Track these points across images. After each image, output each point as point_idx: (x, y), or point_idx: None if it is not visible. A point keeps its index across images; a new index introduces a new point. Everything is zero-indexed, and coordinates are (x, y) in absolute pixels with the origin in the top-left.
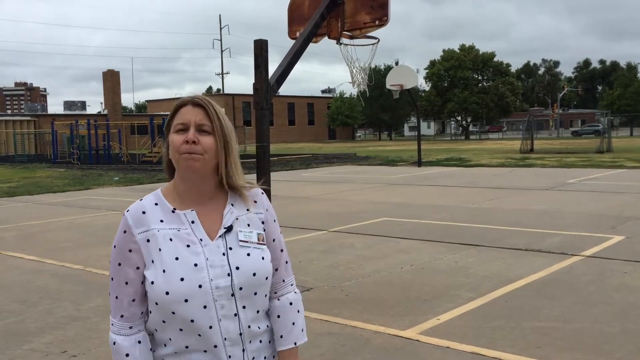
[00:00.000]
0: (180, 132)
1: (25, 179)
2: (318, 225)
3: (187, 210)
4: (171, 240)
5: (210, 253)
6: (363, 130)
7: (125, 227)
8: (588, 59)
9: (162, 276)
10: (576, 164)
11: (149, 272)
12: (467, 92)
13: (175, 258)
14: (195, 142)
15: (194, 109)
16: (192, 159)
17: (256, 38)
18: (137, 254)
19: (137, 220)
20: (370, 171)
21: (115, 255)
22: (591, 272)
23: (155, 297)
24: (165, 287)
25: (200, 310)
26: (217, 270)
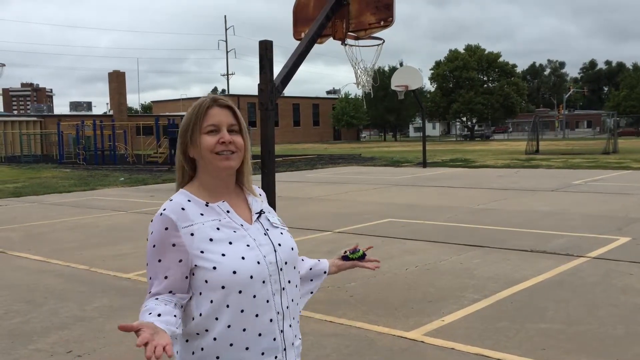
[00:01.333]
0: (211, 134)
1: (31, 179)
2: (323, 226)
3: (219, 202)
4: (218, 229)
5: (255, 234)
6: (368, 131)
7: (166, 224)
8: (594, 60)
9: (223, 259)
10: (582, 165)
11: (202, 261)
12: (472, 92)
13: (229, 242)
14: (231, 142)
15: (222, 110)
16: (228, 159)
17: (261, 39)
18: (180, 248)
19: (180, 216)
20: (375, 172)
21: (154, 253)
22: (597, 273)
23: (221, 280)
24: (231, 267)
25: (261, 286)
26: (265, 247)
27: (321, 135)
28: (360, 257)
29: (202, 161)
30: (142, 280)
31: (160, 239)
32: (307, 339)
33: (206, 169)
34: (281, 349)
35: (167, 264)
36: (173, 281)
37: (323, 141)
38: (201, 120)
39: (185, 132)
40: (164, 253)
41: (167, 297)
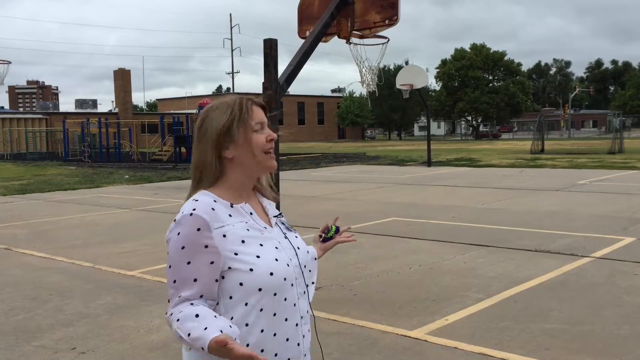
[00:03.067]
0: (258, 132)
1: (37, 176)
2: None
3: (242, 204)
4: (248, 230)
5: (278, 237)
6: (373, 130)
7: (198, 224)
8: (600, 60)
9: (259, 261)
10: (587, 164)
11: (237, 263)
12: (477, 91)
13: (259, 244)
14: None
15: (259, 109)
16: (272, 158)
17: (266, 37)
18: (212, 249)
19: (212, 217)
20: (379, 171)
21: (183, 255)
22: (601, 273)
23: (258, 282)
24: (268, 269)
25: (290, 288)
26: (289, 251)
27: (326, 134)
28: (335, 232)
29: (245, 160)
30: (146, 277)
31: (191, 240)
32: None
33: (244, 169)
34: (302, 354)
35: (197, 266)
36: (204, 285)
37: (328, 140)
38: (249, 119)
39: (224, 131)
40: (194, 255)
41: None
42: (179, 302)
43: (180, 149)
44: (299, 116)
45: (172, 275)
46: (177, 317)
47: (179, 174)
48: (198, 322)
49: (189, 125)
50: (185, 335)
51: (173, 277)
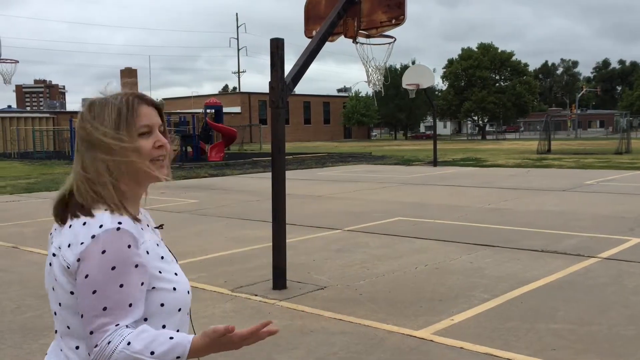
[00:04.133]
0: (145, 136)
1: (44, 175)
2: (333, 224)
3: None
4: (158, 245)
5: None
6: (379, 130)
7: (128, 240)
8: (607, 59)
9: (178, 279)
10: (594, 165)
11: (162, 282)
12: (484, 91)
13: (171, 260)
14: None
15: (149, 109)
16: (162, 166)
17: (272, 37)
18: (142, 268)
19: (137, 231)
20: (385, 170)
21: (114, 277)
22: (608, 274)
23: (179, 302)
24: (186, 287)
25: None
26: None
27: (332, 134)
28: None
29: (132, 169)
30: None
31: (121, 259)
32: (316, 337)
33: (132, 177)
34: None
35: (131, 289)
36: (139, 309)
37: (334, 139)
38: (133, 122)
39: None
40: (127, 276)
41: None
42: (114, 330)
43: (187, 149)
44: (304, 115)
45: (101, 302)
46: (125, 341)
47: (185, 173)
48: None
49: (195, 125)
50: (146, 355)
51: (102, 304)
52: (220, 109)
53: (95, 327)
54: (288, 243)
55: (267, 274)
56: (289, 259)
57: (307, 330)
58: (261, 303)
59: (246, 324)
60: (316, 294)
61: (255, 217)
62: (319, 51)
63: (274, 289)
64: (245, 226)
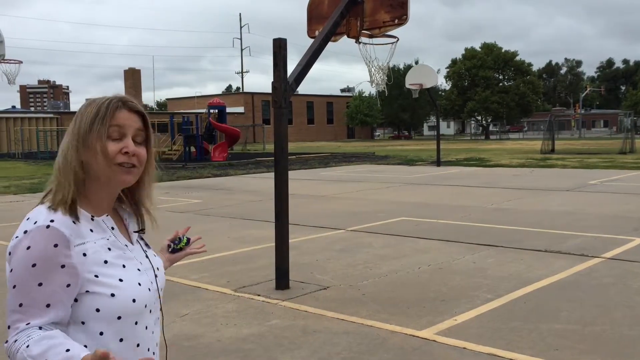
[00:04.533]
0: (115, 140)
1: (48, 175)
2: (336, 224)
3: (103, 216)
4: (109, 249)
5: (140, 257)
6: (382, 130)
7: (56, 239)
8: (611, 59)
9: (122, 285)
10: (598, 165)
11: (97, 286)
12: (488, 91)
13: (122, 265)
14: (134, 155)
15: (130, 114)
16: (128, 173)
17: (275, 37)
18: (70, 270)
19: (73, 231)
20: (388, 170)
21: (34, 274)
22: (612, 274)
23: (119, 310)
24: (131, 295)
25: (149, 315)
26: (150, 272)
27: (335, 134)
28: (186, 243)
29: (96, 169)
30: None
31: (45, 257)
32: (319, 337)
33: (98, 178)
34: None
35: (52, 289)
36: (58, 310)
37: (337, 139)
38: (105, 122)
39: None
40: (48, 275)
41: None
42: (24, 328)
43: (190, 148)
44: (308, 115)
45: (18, 298)
46: (26, 343)
47: (188, 173)
48: (55, 345)
49: (198, 125)
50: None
51: (18, 300)
52: (223, 109)
53: (10, 322)
54: (291, 243)
55: (270, 274)
56: (292, 259)
57: (310, 330)
58: (264, 303)
59: (249, 324)
60: (319, 294)
61: (258, 217)
62: (322, 51)
63: (277, 289)
64: (248, 226)
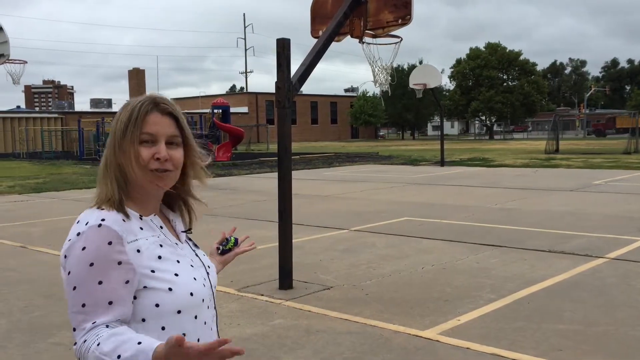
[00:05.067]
0: (147, 144)
1: (52, 175)
2: (339, 224)
3: (151, 216)
4: (161, 245)
5: (189, 255)
6: (386, 130)
7: (109, 237)
8: (616, 59)
9: (178, 279)
10: (602, 165)
11: (154, 281)
12: (492, 91)
13: (176, 261)
14: (167, 160)
15: (163, 118)
16: (161, 178)
17: (279, 37)
18: (127, 266)
19: (125, 228)
20: (392, 170)
21: (92, 273)
22: (616, 274)
23: (177, 304)
24: (188, 288)
25: (207, 311)
26: (202, 269)
27: (339, 134)
28: (234, 243)
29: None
30: None
31: (101, 255)
32: (322, 337)
33: (138, 184)
34: None
35: (112, 286)
36: (120, 307)
37: (341, 139)
38: (137, 127)
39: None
40: (106, 273)
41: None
42: (92, 328)
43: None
44: (311, 115)
45: (80, 299)
46: (96, 341)
47: None
48: (126, 341)
49: (202, 125)
50: (112, 358)
51: (81, 301)
52: (227, 109)
53: (75, 323)
54: (294, 243)
55: (274, 274)
56: (296, 259)
57: (313, 330)
58: (267, 303)
59: (252, 324)
60: (322, 294)
61: (262, 217)
62: (326, 51)
63: (280, 288)
64: (252, 226)
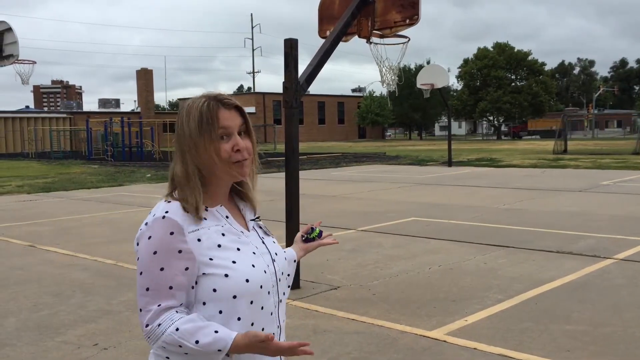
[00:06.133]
0: (223, 140)
1: (61, 174)
2: (347, 224)
3: (217, 206)
4: (223, 235)
5: (255, 242)
6: (393, 130)
7: (171, 228)
8: (625, 59)
9: (235, 266)
10: (611, 165)
11: (212, 268)
12: (500, 91)
13: (237, 249)
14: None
15: (230, 112)
16: (244, 167)
17: (287, 37)
18: (187, 254)
19: (185, 219)
20: (399, 171)
21: (155, 260)
22: (624, 275)
23: (233, 289)
24: (244, 275)
25: (267, 297)
26: (266, 257)
27: (346, 134)
28: (318, 234)
29: (213, 169)
30: None
31: (163, 244)
32: (329, 337)
33: (215, 175)
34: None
35: (172, 272)
36: (180, 293)
37: (348, 139)
38: (212, 126)
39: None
40: (168, 261)
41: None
42: (159, 311)
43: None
44: (319, 116)
45: (145, 283)
46: (174, 326)
47: None
48: (203, 327)
49: None
50: (190, 343)
51: (145, 285)
52: None
53: (141, 305)
54: None
55: None
56: (303, 259)
57: (320, 330)
58: None
59: None
60: (329, 294)
61: (269, 217)
62: (333, 51)
63: None
64: None
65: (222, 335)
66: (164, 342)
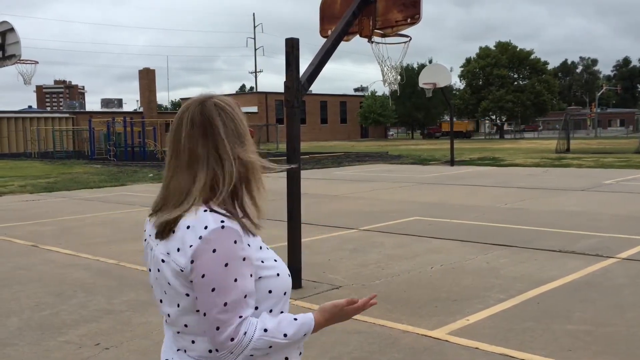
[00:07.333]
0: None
1: (63, 174)
2: (348, 224)
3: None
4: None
5: None
6: (396, 129)
7: (234, 236)
8: (628, 57)
9: (279, 264)
10: (614, 164)
11: (265, 270)
12: (502, 90)
13: (267, 248)
14: None
15: None
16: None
17: (288, 37)
18: (249, 261)
19: (240, 227)
20: (402, 170)
21: (228, 273)
22: (626, 275)
23: (284, 286)
24: (286, 270)
25: None
26: None
27: (348, 133)
28: None
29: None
30: None
31: (232, 255)
32: (331, 336)
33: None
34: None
35: (244, 281)
36: (252, 299)
37: (350, 139)
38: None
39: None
40: (239, 270)
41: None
42: (241, 322)
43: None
44: (321, 115)
45: (222, 299)
46: (259, 328)
47: None
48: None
49: None
50: (280, 338)
51: (223, 300)
52: None
53: (221, 322)
54: (303, 242)
55: None
56: (304, 259)
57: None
58: None
59: None
60: (331, 294)
61: (271, 216)
62: (335, 51)
63: None
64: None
65: (302, 320)
66: (253, 349)
